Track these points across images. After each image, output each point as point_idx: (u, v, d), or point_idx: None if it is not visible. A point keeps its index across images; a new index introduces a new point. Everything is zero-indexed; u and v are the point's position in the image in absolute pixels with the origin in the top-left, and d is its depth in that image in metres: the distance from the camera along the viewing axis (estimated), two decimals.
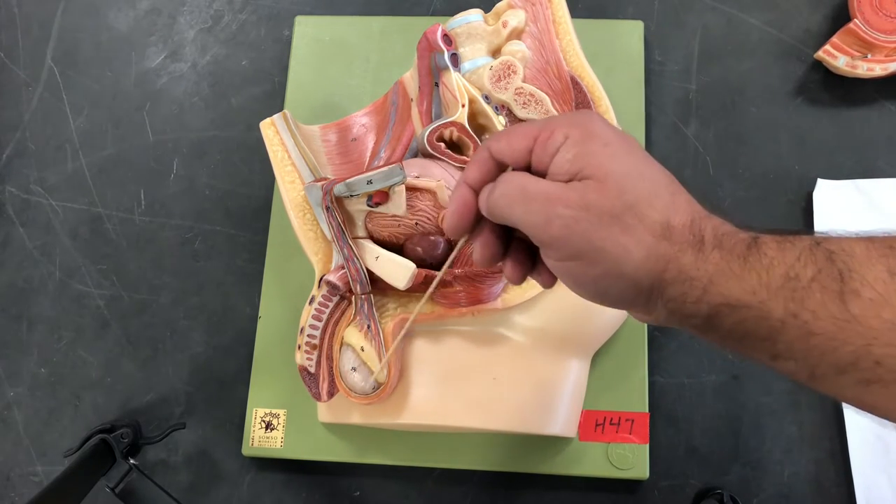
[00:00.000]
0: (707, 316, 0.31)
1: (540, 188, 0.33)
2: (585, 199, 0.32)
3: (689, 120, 0.62)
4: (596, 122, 0.34)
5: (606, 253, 0.32)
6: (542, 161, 0.34)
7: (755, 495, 0.54)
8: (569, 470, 0.54)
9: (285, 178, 0.53)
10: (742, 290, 0.30)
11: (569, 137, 0.33)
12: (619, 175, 0.32)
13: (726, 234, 0.32)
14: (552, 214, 0.32)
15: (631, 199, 0.32)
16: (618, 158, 0.32)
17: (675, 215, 0.32)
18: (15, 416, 0.60)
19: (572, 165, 0.32)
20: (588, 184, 0.32)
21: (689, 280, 0.31)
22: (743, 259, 0.31)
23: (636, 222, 0.31)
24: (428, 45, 0.52)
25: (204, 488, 0.57)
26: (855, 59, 0.59)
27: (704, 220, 0.32)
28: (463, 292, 0.50)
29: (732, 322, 0.31)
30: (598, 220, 0.31)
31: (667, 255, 0.31)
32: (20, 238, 0.64)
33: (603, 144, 0.33)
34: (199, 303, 0.61)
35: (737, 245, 0.31)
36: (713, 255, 0.31)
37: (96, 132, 0.67)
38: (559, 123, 0.34)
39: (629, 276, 0.32)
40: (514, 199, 0.33)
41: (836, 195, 0.58)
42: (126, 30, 0.69)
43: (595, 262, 0.32)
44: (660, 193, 0.32)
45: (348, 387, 0.50)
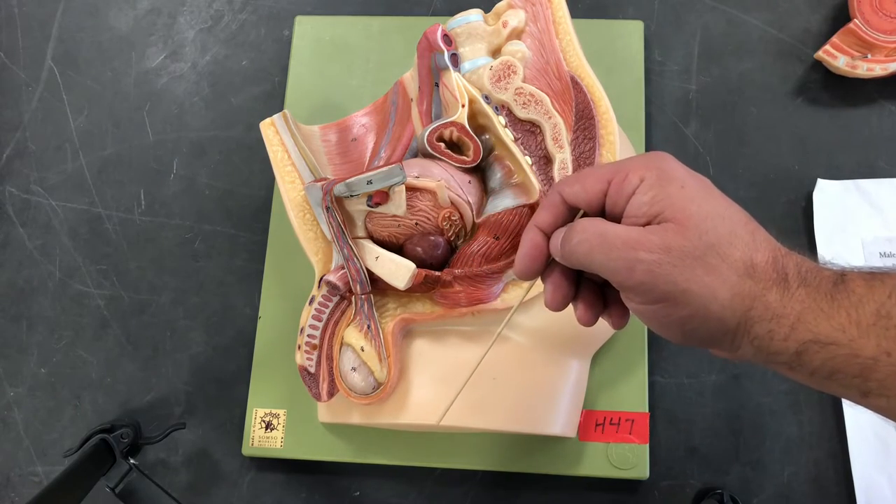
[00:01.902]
0: (795, 353, 0.31)
1: (619, 234, 0.33)
2: (667, 242, 0.32)
3: (689, 120, 0.62)
4: (670, 163, 0.34)
5: (692, 294, 0.32)
6: (617, 204, 0.34)
7: (755, 495, 0.54)
8: (569, 470, 0.54)
9: (285, 178, 0.53)
10: (831, 328, 0.30)
11: (644, 180, 0.33)
12: (698, 217, 0.32)
13: (810, 270, 0.32)
14: (634, 260, 0.32)
15: (712, 239, 0.32)
16: (696, 200, 0.33)
17: (756, 253, 0.32)
18: (15, 416, 0.60)
19: (650, 208, 0.33)
20: (668, 226, 0.32)
21: (777, 317, 0.31)
22: (830, 296, 0.31)
23: (719, 262, 0.32)
24: (428, 45, 0.52)
25: (204, 488, 0.57)
26: (855, 59, 0.59)
27: (786, 258, 0.32)
28: (463, 292, 0.50)
29: (822, 359, 0.31)
30: (681, 263, 0.32)
31: (752, 294, 0.32)
32: (20, 238, 0.64)
33: (680, 186, 0.33)
34: (199, 303, 0.61)
35: (823, 282, 0.31)
36: (799, 292, 0.31)
37: (96, 132, 0.67)
38: (633, 166, 0.34)
39: (716, 315, 0.32)
40: (593, 247, 0.33)
41: (836, 195, 0.58)
42: (126, 30, 0.69)
43: (681, 304, 0.32)
44: (739, 233, 0.32)
45: (348, 387, 0.50)
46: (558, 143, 0.50)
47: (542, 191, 0.50)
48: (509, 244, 0.50)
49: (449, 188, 0.50)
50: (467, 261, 0.50)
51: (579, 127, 0.51)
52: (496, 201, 0.52)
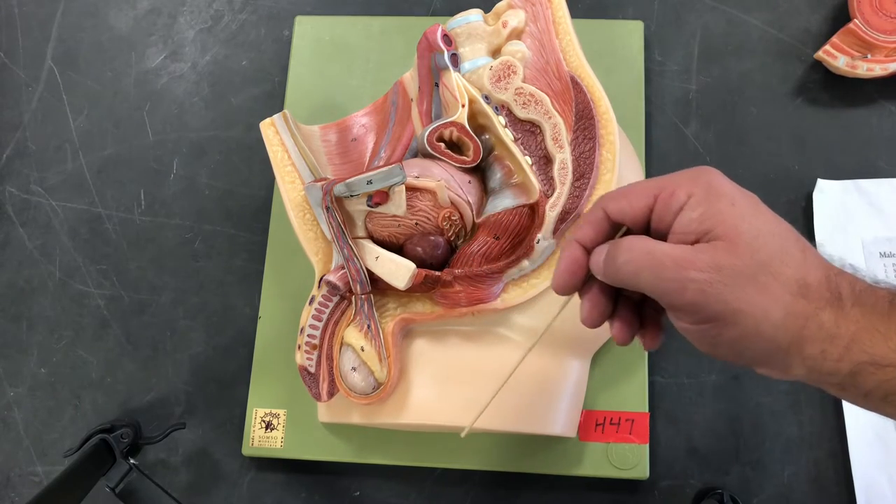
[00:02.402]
0: (849, 374, 0.31)
1: (668, 252, 0.32)
2: (717, 260, 0.31)
3: (689, 120, 0.62)
4: (719, 178, 0.33)
5: (744, 314, 0.31)
6: (663, 220, 0.33)
7: (755, 495, 0.54)
8: (569, 470, 0.54)
9: (285, 178, 0.53)
10: (889, 349, 0.30)
11: (692, 196, 0.32)
12: (750, 234, 0.31)
13: (864, 290, 0.31)
14: (685, 280, 0.31)
15: (764, 257, 0.31)
16: (747, 218, 0.32)
17: (809, 272, 0.31)
18: (15, 416, 0.60)
19: (700, 225, 0.32)
20: (718, 244, 0.31)
21: (830, 337, 0.31)
22: (887, 317, 0.30)
23: (771, 280, 0.31)
24: (428, 45, 0.52)
25: (204, 488, 0.57)
26: (855, 59, 0.59)
27: (839, 276, 0.32)
28: (463, 292, 0.50)
29: (877, 381, 0.30)
30: (732, 282, 0.31)
31: (805, 313, 0.31)
32: (20, 238, 0.64)
33: (730, 203, 0.32)
34: (199, 303, 0.61)
35: (878, 302, 0.31)
36: (853, 311, 0.31)
37: (96, 132, 0.67)
38: (681, 181, 0.33)
39: (768, 335, 0.31)
40: (641, 266, 0.33)
41: (836, 195, 0.58)
42: (126, 30, 0.69)
43: (732, 323, 0.31)
44: (791, 251, 0.32)
45: (348, 387, 0.50)
46: (558, 143, 0.50)
47: (541, 191, 0.50)
48: (509, 244, 0.50)
49: (449, 188, 0.50)
50: (467, 261, 0.50)
51: (579, 127, 0.51)
52: (496, 201, 0.52)
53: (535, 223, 0.50)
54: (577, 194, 0.50)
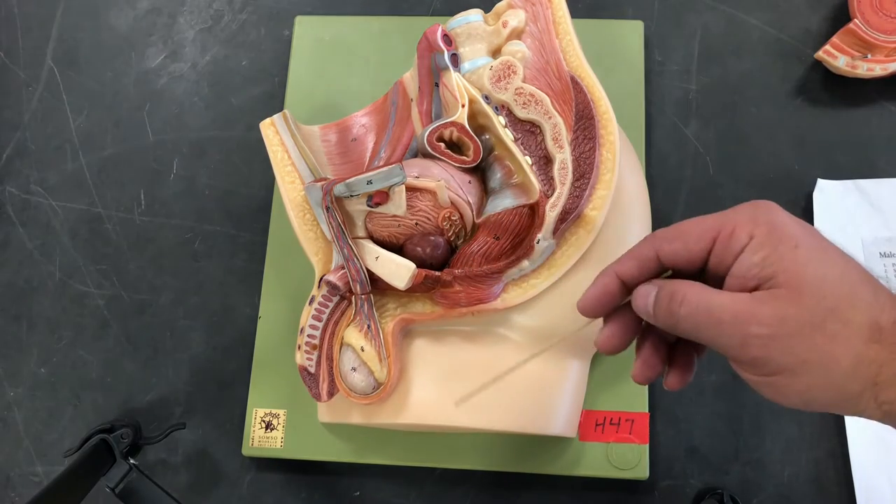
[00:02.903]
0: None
1: (727, 307, 0.31)
2: (781, 312, 0.30)
3: (689, 120, 0.62)
4: (780, 216, 0.32)
5: (812, 364, 0.30)
6: (723, 262, 0.32)
7: (755, 495, 0.54)
8: (569, 470, 0.54)
9: (285, 178, 0.53)
10: None
11: (754, 237, 0.31)
12: (814, 281, 0.30)
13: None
14: (747, 336, 0.30)
15: (831, 303, 0.30)
16: (812, 263, 0.30)
17: (881, 314, 0.30)
18: (15, 416, 0.60)
19: (762, 270, 0.30)
20: (780, 293, 0.30)
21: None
22: None
23: (841, 327, 0.30)
24: (428, 45, 0.52)
25: (204, 488, 0.57)
26: (855, 59, 0.59)
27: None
28: (463, 292, 0.50)
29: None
30: (798, 333, 0.30)
31: (879, 359, 0.30)
32: (20, 238, 0.64)
33: (794, 246, 0.30)
34: (199, 303, 0.61)
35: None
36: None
37: (96, 132, 0.67)
38: (741, 220, 0.32)
39: (838, 384, 0.30)
40: (699, 323, 0.32)
41: (836, 195, 0.58)
42: (126, 30, 0.69)
43: (800, 374, 0.30)
44: (861, 293, 0.30)
45: (348, 387, 0.50)
46: (558, 143, 0.50)
47: (541, 191, 0.50)
48: (509, 244, 0.50)
49: (449, 188, 0.50)
50: (467, 261, 0.50)
51: (579, 127, 0.51)
52: (496, 201, 0.52)
53: (535, 223, 0.50)
54: (577, 194, 0.50)
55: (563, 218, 0.50)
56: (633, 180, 0.54)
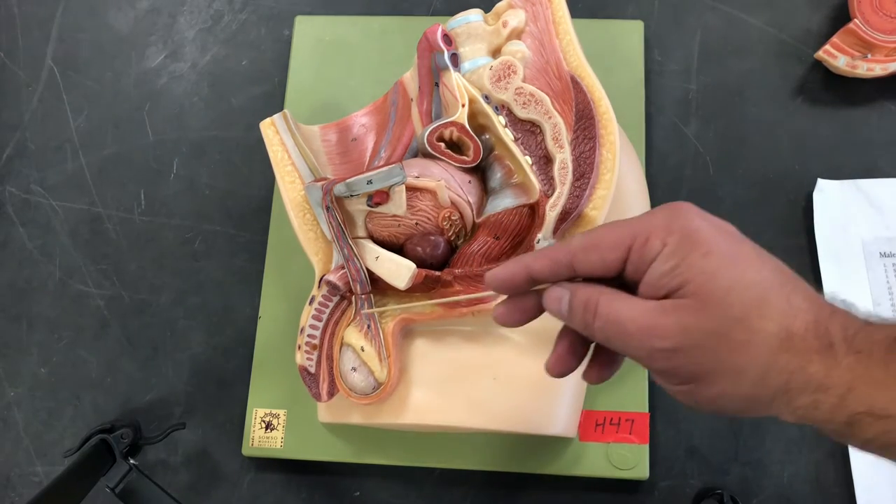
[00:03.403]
0: (845, 423, 0.29)
1: (633, 319, 0.31)
2: (684, 323, 0.30)
3: (689, 120, 0.62)
4: (695, 221, 0.31)
5: (718, 374, 0.30)
6: (637, 270, 0.32)
7: (755, 495, 0.54)
8: (569, 470, 0.54)
9: (285, 178, 0.53)
10: (888, 400, 0.28)
11: (667, 245, 0.30)
12: (721, 291, 0.29)
13: (858, 333, 0.29)
14: (652, 349, 0.30)
15: (738, 312, 0.29)
16: (720, 272, 0.30)
17: (794, 320, 0.29)
18: (15, 416, 0.60)
19: (671, 280, 0.30)
20: (685, 304, 0.30)
21: (823, 388, 0.29)
22: (884, 365, 0.28)
23: (748, 336, 0.29)
24: (428, 44, 0.52)
25: (204, 488, 0.57)
26: (855, 59, 0.59)
27: (829, 319, 0.29)
28: (463, 292, 0.50)
29: (876, 431, 0.29)
30: (703, 343, 0.29)
31: (789, 367, 0.29)
32: (20, 238, 0.64)
33: (703, 254, 0.30)
34: (199, 303, 0.61)
35: (875, 348, 0.29)
36: (848, 360, 0.29)
37: (96, 132, 0.67)
38: (656, 227, 0.31)
39: (746, 393, 0.30)
40: (611, 335, 0.32)
41: (836, 195, 0.58)
42: (126, 30, 0.69)
43: (708, 383, 0.30)
44: (772, 299, 0.30)
45: (348, 387, 0.50)
46: (558, 142, 0.50)
47: (541, 191, 0.50)
48: (509, 244, 0.50)
49: (449, 188, 0.50)
50: (467, 261, 0.50)
51: (579, 127, 0.51)
52: (496, 201, 0.52)
53: (535, 223, 0.50)
54: (577, 194, 0.50)
55: (564, 218, 0.50)
56: (633, 180, 0.55)
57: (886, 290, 0.56)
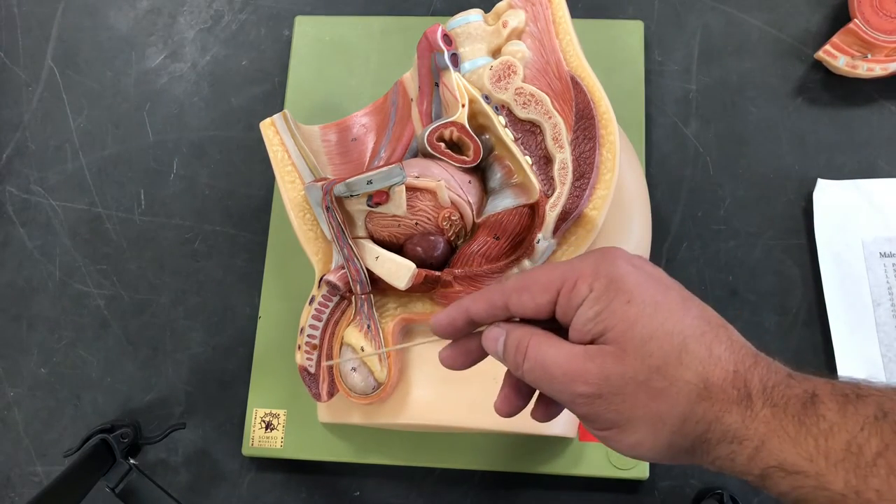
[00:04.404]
0: (759, 476, 0.30)
1: (558, 363, 0.31)
2: (605, 370, 0.30)
3: (689, 120, 0.62)
4: (621, 267, 0.31)
5: (638, 421, 0.30)
6: (566, 314, 0.32)
7: (755, 495, 0.54)
8: (569, 470, 0.54)
9: (285, 178, 0.53)
10: (798, 455, 0.28)
11: (592, 290, 0.31)
12: (640, 339, 0.30)
13: (777, 385, 0.29)
14: (574, 394, 0.31)
15: (657, 361, 0.29)
16: (641, 320, 0.30)
17: (713, 370, 0.29)
18: (15, 416, 0.60)
19: (595, 326, 0.31)
20: (607, 351, 0.30)
21: (738, 440, 0.29)
22: (798, 420, 0.28)
23: (667, 385, 0.29)
24: (428, 45, 0.52)
25: (204, 488, 0.57)
26: (855, 59, 0.59)
27: (750, 370, 0.30)
28: (463, 292, 0.50)
29: (788, 486, 0.29)
30: (622, 390, 0.30)
31: (707, 417, 0.29)
32: (20, 238, 0.64)
33: (626, 301, 0.30)
34: (199, 303, 0.61)
35: (790, 402, 0.29)
36: (764, 412, 0.29)
37: (96, 132, 0.67)
38: (584, 271, 0.31)
39: (665, 441, 0.30)
40: (538, 377, 0.32)
41: (836, 195, 0.58)
42: (126, 30, 0.69)
43: (628, 430, 0.30)
44: (692, 349, 0.30)
45: (348, 387, 0.50)
46: (558, 143, 0.50)
47: (541, 191, 0.50)
48: (509, 244, 0.50)
49: (449, 188, 0.50)
50: (467, 261, 0.50)
51: (579, 127, 0.51)
52: (496, 201, 0.52)
53: (535, 223, 0.50)
54: (577, 194, 0.50)
55: (564, 218, 0.50)
56: (633, 180, 0.55)
57: (886, 290, 0.56)
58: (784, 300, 0.58)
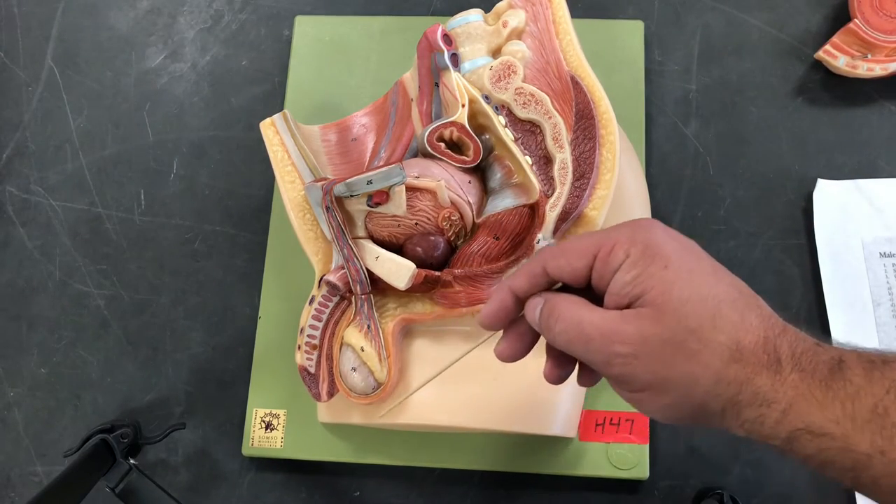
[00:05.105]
0: (786, 439, 0.30)
1: (596, 324, 0.32)
2: (643, 331, 0.31)
3: (689, 120, 0.62)
4: (657, 235, 0.32)
5: (673, 382, 0.31)
6: (602, 279, 0.33)
7: (755, 495, 0.54)
8: (569, 470, 0.54)
9: (285, 178, 0.53)
10: (824, 419, 0.29)
11: (629, 256, 0.32)
12: (677, 302, 0.31)
13: (805, 352, 0.30)
14: (611, 354, 0.31)
15: (692, 324, 0.30)
16: (678, 283, 0.31)
17: (745, 335, 0.31)
18: (15, 416, 0.60)
19: (633, 289, 0.31)
20: (644, 313, 0.31)
21: (767, 403, 0.30)
22: (825, 384, 0.29)
23: (701, 347, 0.30)
24: (428, 45, 0.52)
25: (204, 488, 0.57)
26: (855, 59, 0.59)
27: (780, 337, 0.31)
28: (463, 292, 0.50)
29: (814, 449, 0.30)
30: (659, 352, 0.31)
31: (739, 379, 0.30)
32: (20, 238, 0.64)
33: (663, 266, 0.31)
34: (199, 303, 0.61)
35: (818, 367, 0.30)
36: (792, 377, 0.30)
37: (96, 132, 0.67)
38: (620, 238, 0.32)
39: (698, 402, 0.31)
40: (572, 339, 0.33)
41: (836, 195, 0.58)
42: (126, 30, 0.69)
43: (663, 391, 0.31)
44: (725, 313, 0.31)
45: (348, 387, 0.50)
46: (558, 143, 0.50)
47: (541, 191, 0.50)
48: (509, 244, 0.50)
49: (449, 188, 0.50)
50: (467, 261, 0.50)
51: (579, 127, 0.51)
52: (496, 201, 0.52)
53: (535, 223, 0.50)
54: (577, 194, 0.50)
55: (564, 218, 0.50)
56: (633, 180, 0.55)
57: (886, 290, 0.56)
58: (784, 300, 0.58)
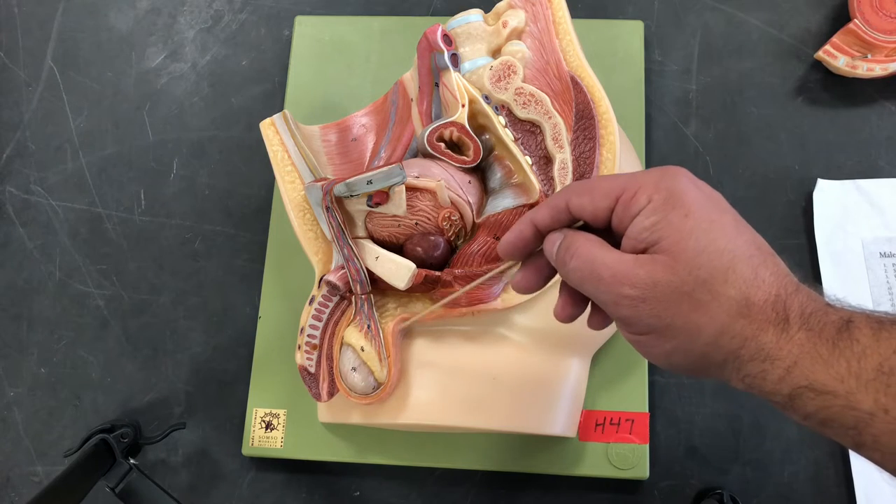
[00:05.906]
0: (788, 396, 0.30)
1: (608, 264, 0.32)
2: (654, 276, 0.31)
3: (689, 120, 0.62)
4: (682, 183, 0.32)
5: (676, 329, 0.31)
6: (622, 222, 0.33)
7: (755, 495, 0.54)
8: (569, 470, 0.54)
9: (285, 178, 0.53)
10: (829, 376, 0.29)
11: (651, 202, 0.32)
12: (693, 251, 0.31)
13: (815, 312, 0.31)
14: (619, 295, 0.32)
15: (704, 275, 0.31)
16: (696, 233, 0.31)
17: (756, 291, 0.31)
18: (15, 416, 0.60)
19: (650, 234, 0.32)
20: (658, 259, 0.31)
21: (771, 359, 0.30)
22: (832, 343, 0.29)
23: (710, 299, 0.31)
24: (428, 45, 0.52)
25: (204, 488, 0.57)
26: (855, 59, 0.59)
27: (792, 296, 0.31)
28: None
29: (816, 406, 0.30)
30: (666, 298, 0.31)
31: (744, 333, 0.31)
32: (20, 238, 0.64)
33: (683, 215, 0.31)
34: (199, 303, 0.61)
35: (826, 327, 0.30)
36: (799, 335, 0.30)
37: (96, 132, 0.67)
38: (644, 183, 0.33)
39: (699, 351, 0.31)
40: (584, 277, 0.33)
41: (836, 195, 0.58)
42: (126, 30, 0.69)
43: (666, 337, 0.32)
44: (739, 268, 0.31)
45: (348, 387, 0.50)
46: (558, 143, 0.50)
47: (542, 191, 0.50)
48: None
49: (449, 188, 0.50)
50: (467, 261, 0.50)
51: (579, 127, 0.51)
52: (496, 201, 0.52)
53: None
54: None
55: None
56: None
57: (886, 290, 0.56)
58: None
